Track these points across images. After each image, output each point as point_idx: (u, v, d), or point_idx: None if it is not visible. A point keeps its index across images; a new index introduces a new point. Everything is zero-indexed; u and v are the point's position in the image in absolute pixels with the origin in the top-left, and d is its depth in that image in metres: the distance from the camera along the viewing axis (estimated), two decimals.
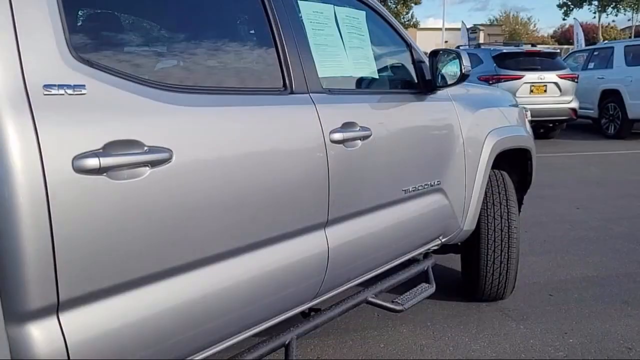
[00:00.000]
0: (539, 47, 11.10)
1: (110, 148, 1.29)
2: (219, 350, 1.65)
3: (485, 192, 2.96)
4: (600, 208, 5.49)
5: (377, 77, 2.41)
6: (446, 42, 41.21)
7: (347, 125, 1.99)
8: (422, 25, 46.29)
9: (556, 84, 9.70)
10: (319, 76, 1.98)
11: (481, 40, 41.77)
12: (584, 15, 57.06)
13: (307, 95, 1.90)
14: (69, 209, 1.23)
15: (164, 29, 1.69)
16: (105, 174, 1.28)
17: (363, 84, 2.34)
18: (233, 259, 1.61)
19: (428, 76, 2.53)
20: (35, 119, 1.19)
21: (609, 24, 44.07)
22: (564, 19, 44.84)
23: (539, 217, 5.07)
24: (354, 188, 2.06)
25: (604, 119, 10.77)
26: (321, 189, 1.89)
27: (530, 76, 9.55)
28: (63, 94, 1.25)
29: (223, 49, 1.76)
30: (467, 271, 3.22)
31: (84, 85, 1.29)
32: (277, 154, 1.75)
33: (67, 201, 1.22)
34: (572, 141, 10.41)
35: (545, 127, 10.39)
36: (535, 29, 61.47)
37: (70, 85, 1.27)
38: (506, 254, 2.99)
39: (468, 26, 32.77)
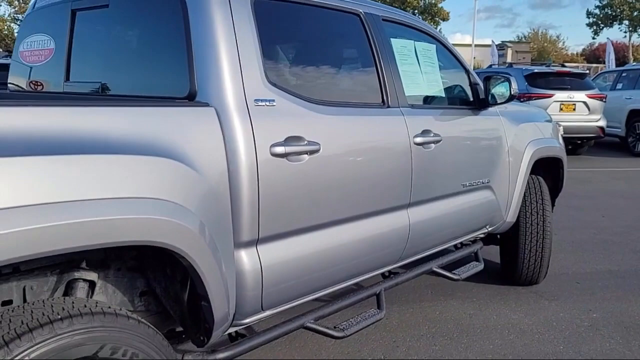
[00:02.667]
0: (569, 68, 11.61)
1: (288, 141, 1.98)
2: (342, 287, 2.33)
3: (525, 193, 3.58)
4: (624, 217, 6.02)
5: (443, 95, 3.07)
6: (474, 58, 41.46)
7: (425, 132, 2.66)
8: (449, 41, 47.02)
9: (585, 103, 10.21)
10: (405, 95, 2.65)
11: (509, 58, 41.91)
12: (614, 34, 56.82)
13: (398, 109, 2.57)
14: (267, 178, 1.91)
15: (315, 65, 2.38)
16: (285, 157, 1.97)
17: (434, 101, 3.00)
18: (353, 223, 2.29)
19: (482, 95, 3.17)
20: (252, 120, 1.88)
21: None
22: (593, 38, 44.93)
23: (567, 223, 5.63)
24: (428, 180, 2.72)
25: (631, 137, 11.21)
26: (406, 178, 2.55)
27: (560, 95, 10.08)
28: (264, 105, 1.95)
29: (348, 77, 2.47)
30: (505, 259, 3.83)
31: (274, 100, 1.99)
32: (380, 150, 2.42)
33: (266, 173, 1.91)
34: (599, 158, 10.88)
35: (573, 143, 10.87)
36: (564, 46, 61.35)
37: (267, 100, 1.96)
38: (541, 244, 3.60)
39: (496, 43, 33.16)
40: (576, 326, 3.24)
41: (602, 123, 10.37)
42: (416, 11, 44.82)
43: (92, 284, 1.79)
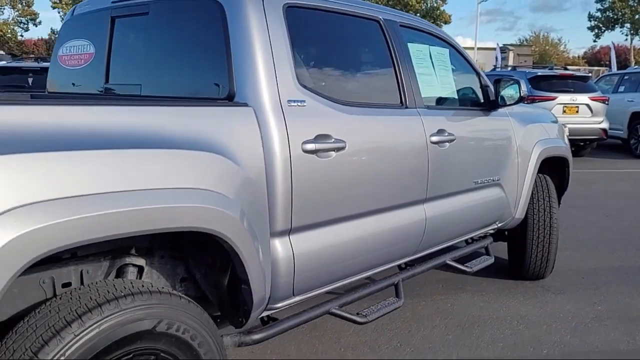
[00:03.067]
0: (571, 71, 11.77)
1: (317, 138, 2.14)
2: (364, 276, 2.49)
3: (532, 190, 3.73)
4: (626, 217, 6.17)
5: (456, 97, 3.23)
6: (476, 61, 41.59)
7: (440, 132, 2.81)
8: None
9: (588, 105, 10.37)
10: (422, 96, 2.81)
11: (511, 61, 41.98)
12: (616, 37, 56.92)
13: (416, 109, 2.73)
14: (299, 172, 2.07)
15: (340, 68, 2.54)
16: (315, 154, 2.13)
17: (448, 102, 3.16)
18: (375, 216, 2.44)
19: (492, 97, 3.33)
20: (285, 119, 2.04)
21: None
22: (594, 41, 45.11)
23: (572, 222, 5.77)
24: (443, 177, 2.87)
25: (633, 140, 11.37)
26: (423, 175, 2.71)
27: (563, 97, 10.25)
28: (295, 106, 2.11)
29: (369, 79, 2.63)
30: (513, 255, 3.98)
31: (305, 101, 2.15)
32: (400, 147, 2.59)
33: (298, 168, 2.07)
34: (602, 159, 11.02)
35: (576, 145, 11.00)
36: (565, 49, 61.51)
37: (298, 100, 2.12)
38: (548, 240, 3.76)
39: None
40: (582, 318, 3.40)
41: (605, 125, 10.53)
42: (418, 14, 45.14)
43: (140, 269, 1.94)
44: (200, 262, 2.07)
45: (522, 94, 3.23)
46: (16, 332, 1.45)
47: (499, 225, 3.59)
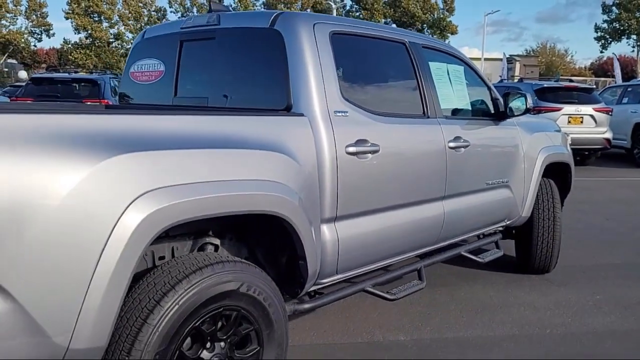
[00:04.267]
0: (576, 83, 12.20)
1: (357, 142, 2.59)
2: (392, 261, 2.93)
3: (538, 193, 4.16)
4: (627, 220, 6.57)
5: (470, 108, 3.68)
6: (483, 71, 41.93)
7: (456, 138, 3.26)
8: None
9: (592, 116, 10.79)
10: (441, 107, 3.26)
11: (517, 71, 42.26)
12: (623, 48, 57.37)
13: (436, 119, 3.18)
14: (343, 170, 2.51)
15: (374, 83, 3.01)
16: (355, 155, 2.58)
17: (462, 113, 3.60)
18: (403, 209, 2.89)
19: (502, 108, 3.77)
20: (333, 127, 2.50)
21: None
22: (601, 52, 45.45)
23: (574, 224, 6.17)
24: (459, 177, 3.31)
25: (636, 149, 11.75)
26: (442, 175, 3.15)
27: (568, 108, 10.67)
28: (340, 116, 2.56)
29: (398, 93, 3.10)
30: (520, 251, 4.40)
31: (347, 112, 2.60)
32: (423, 151, 3.03)
33: (342, 166, 2.51)
34: (605, 168, 11.41)
35: (581, 154, 11.42)
36: (571, 60, 61.81)
37: (342, 111, 2.58)
38: (551, 237, 4.18)
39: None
40: (582, 305, 3.81)
41: (609, 135, 10.93)
42: (425, 25, 45.74)
43: (216, 248, 2.40)
44: (262, 244, 2.52)
45: (528, 106, 3.67)
46: (139, 287, 1.89)
47: (508, 222, 4.01)
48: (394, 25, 46.11)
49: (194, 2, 46.62)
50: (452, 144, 3.20)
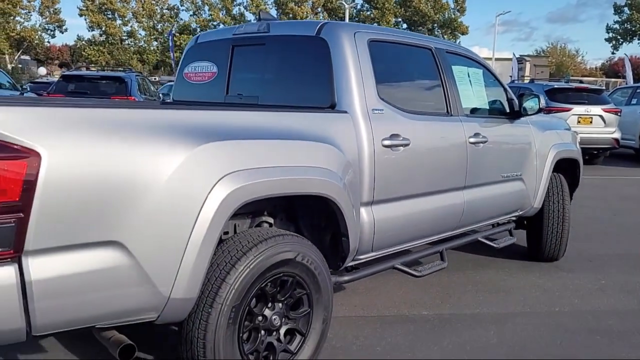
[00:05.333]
0: (586, 84, 12.49)
1: (391, 137, 2.96)
2: (420, 243, 3.31)
3: (548, 186, 4.51)
4: (633, 216, 6.89)
5: (487, 107, 4.04)
6: None
7: (476, 135, 3.62)
8: None
9: (601, 116, 11.09)
10: (462, 107, 3.62)
11: (527, 72, 42.23)
12: (634, 49, 57.16)
13: (458, 117, 3.54)
14: (379, 160, 2.89)
15: (405, 84, 3.38)
16: (390, 148, 2.95)
17: (481, 112, 3.96)
18: (429, 197, 3.26)
19: (516, 108, 4.13)
20: (371, 123, 2.87)
21: None
22: (612, 53, 45.46)
23: (583, 219, 6.49)
24: (477, 169, 3.68)
25: None
26: (463, 167, 3.52)
27: (578, 109, 10.98)
28: (377, 113, 2.94)
29: (425, 93, 3.47)
30: (531, 240, 4.76)
31: (383, 109, 2.98)
32: (447, 145, 3.40)
33: (379, 157, 2.89)
34: (614, 167, 11.70)
35: (590, 154, 11.72)
36: (582, 61, 61.66)
37: (379, 109, 2.95)
38: (561, 226, 4.53)
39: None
40: (588, 288, 4.17)
41: (617, 135, 11.22)
42: (436, 25, 45.97)
43: (270, 225, 2.78)
44: (308, 223, 2.90)
45: (540, 106, 4.03)
46: (218, 254, 2.27)
47: (521, 212, 4.37)
48: (404, 26, 46.40)
49: (205, 1, 47.14)
50: (472, 140, 3.57)
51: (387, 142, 2.93)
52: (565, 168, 4.83)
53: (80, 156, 1.78)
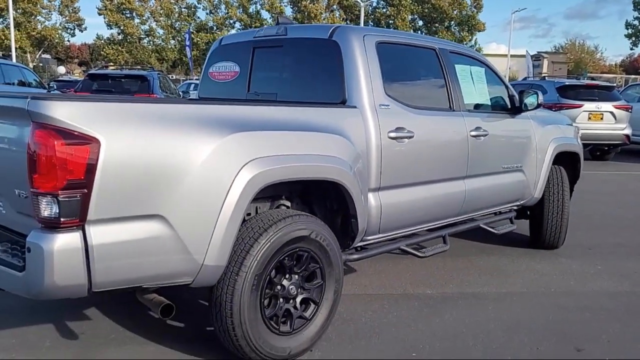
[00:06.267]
0: (597, 81, 12.63)
1: (397, 129, 3.28)
2: (424, 228, 3.63)
3: (549, 177, 4.79)
4: (638, 209, 7.10)
5: (489, 103, 4.33)
6: (509, 69, 41.91)
7: (477, 128, 3.92)
8: (484, 51, 47.59)
9: (612, 113, 11.25)
10: (464, 102, 3.93)
11: (545, 69, 41.86)
12: None
13: (460, 112, 3.85)
14: (385, 151, 3.21)
15: (410, 82, 3.70)
16: (395, 140, 3.27)
17: (482, 107, 4.26)
18: (432, 184, 3.58)
19: (517, 104, 4.41)
20: (378, 117, 3.20)
21: None
22: (631, 49, 44.95)
23: (588, 212, 6.73)
24: (478, 160, 3.98)
25: None
26: (464, 158, 3.83)
27: (589, 105, 11.16)
28: (384, 108, 3.26)
29: (429, 90, 3.78)
30: (533, 229, 5.04)
31: (389, 105, 3.30)
32: (449, 138, 3.71)
33: (385, 148, 3.21)
34: (625, 163, 11.85)
35: (601, 150, 11.88)
36: (601, 57, 60.97)
37: (386, 104, 3.28)
38: (560, 216, 4.81)
39: (531, 53, 33.70)
40: (584, 273, 4.44)
41: (628, 131, 11.37)
42: (453, 22, 45.88)
43: (287, 207, 3.12)
44: (321, 207, 3.24)
45: (539, 102, 4.31)
46: (242, 229, 2.62)
47: (522, 202, 4.66)
48: (420, 23, 46.38)
49: (222, 0, 47.70)
50: (473, 133, 3.87)
51: (392, 135, 3.25)
52: (567, 161, 5.10)
53: (132, 143, 2.15)
